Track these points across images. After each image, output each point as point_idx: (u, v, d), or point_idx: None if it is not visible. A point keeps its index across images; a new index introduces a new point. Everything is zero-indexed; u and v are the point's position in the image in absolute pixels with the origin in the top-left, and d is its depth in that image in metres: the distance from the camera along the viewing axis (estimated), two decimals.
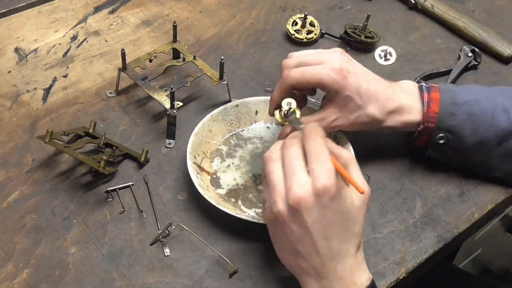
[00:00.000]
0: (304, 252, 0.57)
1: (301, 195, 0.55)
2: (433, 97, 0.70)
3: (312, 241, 0.56)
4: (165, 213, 0.71)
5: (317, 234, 0.56)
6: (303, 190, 0.55)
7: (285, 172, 0.57)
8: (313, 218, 0.55)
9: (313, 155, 0.57)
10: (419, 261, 0.69)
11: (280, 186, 0.57)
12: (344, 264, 0.57)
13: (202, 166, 0.74)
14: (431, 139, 0.72)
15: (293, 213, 0.56)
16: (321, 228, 0.56)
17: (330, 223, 0.56)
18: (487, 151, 0.71)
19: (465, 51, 0.94)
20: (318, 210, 0.55)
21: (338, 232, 0.57)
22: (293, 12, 1.03)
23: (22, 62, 0.91)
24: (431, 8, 1.03)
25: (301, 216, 0.55)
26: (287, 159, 0.57)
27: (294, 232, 0.56)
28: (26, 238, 0.68)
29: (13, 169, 0.75)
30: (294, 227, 0.56)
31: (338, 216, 0.56)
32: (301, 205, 0.55)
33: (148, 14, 1.02)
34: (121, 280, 0.65)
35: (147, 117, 0.83)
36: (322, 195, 0.55)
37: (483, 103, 0.70)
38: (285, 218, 0.56)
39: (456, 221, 0.73)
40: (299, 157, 0.57)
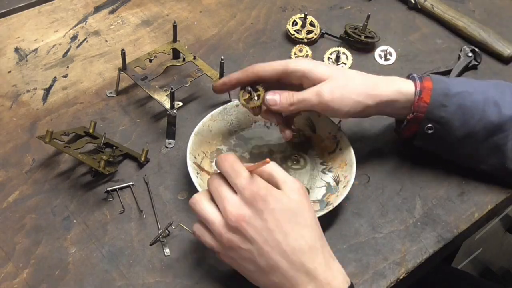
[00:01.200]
0: (267, 265, 0.56)
1: (237, 213, 0.56)
2: (425, 86, 0.70)
3: (268, 251, 0.56)
4: (165, 213, 0.71)
5: (270, 241, 0.55)
6: (236, 207, 0.56)
7: (216, 202, 0.58)
8: (258, 228, 0.56)
9: (229, 173, 0.58)
10: (419, 261, 0.69)
11: (217, 217, 0.58)
12: (313, 262, 0.56)
13: (202, 166, 0.74)
14: (419, 128, 0.71)
15: (240, 234, 0.56)
16: (270, 234, 0.55)
17: (276, 225, 0.56)
18: (475, 143, 0.71)
19: (465, 51, 0.94)
20: (258, 218, 0.56)
21: (290, 230, 0.56)
22: (293, 12, 1.03)
23: (22, 62, 0.91)
24: (431, 8, 1.03)
25: (247, 232, 0.56)
26: (213, 190, 0.59)
27: (250, 252, 0.56)
28: (26, 238, 0.68)
29: (13, 169, 0.75)
30: (247, 247, 0.56)
31: (281, 214, 0.56)
32: (241, 221, 0.56)
33: (148, 14, 1.02)
34: (121, 280, 0.65)
35: (147, 117, 0.83)
36: (254, 202, 0.56)
37: (474, 96, 0.70)
38: (236, 243, 0.57)
39: (456, 221, 0.73)
40: (221, 183, 0.59)
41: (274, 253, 0.56)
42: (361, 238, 0.70)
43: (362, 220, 0.72)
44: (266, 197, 0.56)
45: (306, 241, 0.56)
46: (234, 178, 0.58)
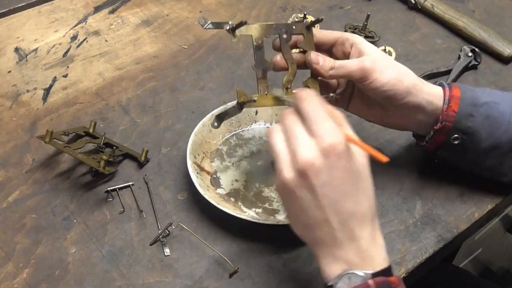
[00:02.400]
0: (316, 219, 0.54)
1: (308, 158, 0.52)
2: (454, 94, 0.68)
3: (324, 206, 0.53)
4: (165, 213, 0.71)
5: (329, 197, 0.53)
6: (309, 152, 0.53)
7: (287, 139, 0.55)
8: (323, 181, 0.53)
9: (310, 117, 0.55)
10: (419, 261, 0.69)
11: (284, 154, 0.55)
12: (362, 231, 0.54)
13: (202, 166, 0.74)
14: (446, 139, 0.69)
15: (301, 179, 0.53)
16: (332, 190, 0.53)
17: (341, 184, 0.53)
18: (500, 156, 0.70)
19: (465, 51, 0.94)
20: (326, 172, 0.53)
21: (350, 193, 0.54)
22: (293, 12, 1.03)
23: (22, 62, 0.91)
24: (431, 8, 1.03)
25: (309, 180, 0.53)
26: (287, 126, 0.56)
27: (304, 200, 0.54)
28: (26, 238, 0.68)
29: (13, 169, 0.75)
30: (303, 194, 0.54)
31: (348, 175, 0.54)
32: (309, 169, 0.52)
33: (148, 14, 1.02)
34: (121, 280, 0.65)
35: (147, 117, 0.83)
36: (330, 154, 0.52)
37: (501, 106, 0.69)
38: (293, 186, 0.54)
39: (456, 221, 0.73)
40: (297, 122, 0.55)
41: (329, 210, 0.53)
42: None
43: None
44: (342, 154, 0.53)
45: (361, 208, 0.55)
46: (316, 123, 0.54)
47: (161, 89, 0.88)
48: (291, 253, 0.68)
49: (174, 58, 0.93)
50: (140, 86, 0.88)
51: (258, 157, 0.78)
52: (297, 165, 0.53)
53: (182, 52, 0.95)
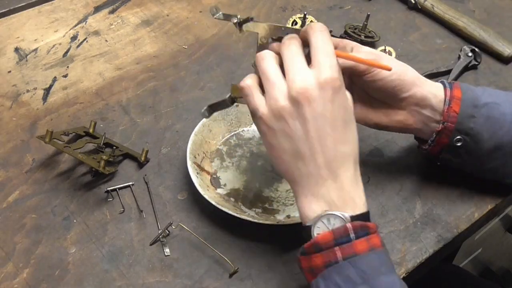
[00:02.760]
0: (305, 151, 0.54)
1: (305, 86, 0.53)
2: (455, 95, 0.68)
3: (313, 138, 0.53)
4: (165, 213, 0.71)
5: (319, 131, 0.53)
6: (307, 81, 0.53)
7: (286, 67, 0.55)
8: (317, 112, 0.53)
9: (318, 48, 0.55)
10: (419, 261, 0.69)
11: (280, 81, 0.55)
12: (346, 171, 0.54)
13: (202, 166, 0.74)
14: (448, 141, 0.69)
15: (296, 107, 0.53)
16: (324, 123, 0.53)
17: (333, 119, 0.54)
18: (503, 157, 0.69)
19: (465, 51, 0.94)
20: (321, 103, 0.53)
21: (341, 130, 0.54)
22: (293, 12, 1.03)
23: (22, 62, 0.91)
24: (431, 8, 1.03)
25: (304, 109, 0.53)
26: (287, 55, 0.55)
27: (296, 130, 0.54)
28: (26, 238, 0.68)
29: (13, 169, 0.75)
30: (296, 124, 0.53)
31: (341, 112, 0.54)
32: (305, 97, 0.53)
33: (148, 14, 1.02)
34: (121, 280, 0.65)
35: (147, 117, 0.83)
36: (326, 87, 0.53)
37: (502, 107, 0.69)
38: (287, 114, 0.53)
39: (456, 221, 0.73)
40: (299, 52, 0.55)
41: (318, 143, 0.54)
42: None
43: None
44: (339, 89, 0.54)
45: (347, 149, 0.55)
46: (321, 54, 0.54)
47: (161, 89, 0.88)
48: (291, 253, 0.68)
49: (174, 58, 0.93)
50: (140, 86, 0.88)
51: (258, 157, 0.78)
52: (293, 93, 0.53)
53: (182, 52, 0.95)
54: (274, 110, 0.54)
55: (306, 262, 0.54)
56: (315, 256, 0.53)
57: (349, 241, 0.52)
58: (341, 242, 0.52)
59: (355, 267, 0.52)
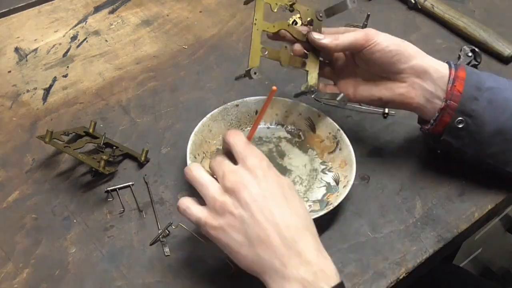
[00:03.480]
0: (259, 236, 0.54)
1: (235, 175, 0.57)
2: (459, 75, 0.69)
3: (262, 219, 0.54)
4: (165, 213, 0.71)
5: (265, 209, 0.55)
6: (237, 172, 0.57)
7: (215, 171, 0.59)
8: (255, 193, 0.55)
9: (236, 144, 0.59)
10: (419, 261, 0.69)
11: (212, 182, 0.58)
12: (306, 243, 0.55)
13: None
14: (450, 121, 0.69)
15: (234, 197, 0.56)
16: (265, 202, 0.55)
17: (273, 196, 0.56)
18: (505, 142, 0.70)
19: (465, 51, 0.94)
20: (256, 184, 0.56)
21: (284, 205, 0.56)
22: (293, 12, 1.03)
23: (22, 62, 0.91)
24: (431, 8, 1.03)
25: (242, 195, 0.55)
26: (213, 164, 0.60)
27: (242, 219, 0.55)
28: (26, 238, 0.68)
29: (13, 169, 0.75)
30: (240, 212, 0.55)
31: (277, 188, 0.57)
32: (239, 184, 0.56)
33: (148, 14, 1.02)
34: (121, 280, 0.65)
35: (147, 117, 0.83)
36: (255, 169, 0.57)
37: (505, 93, 0.69)
38: (230, 207, 0.56)
39: (456, 221, 0.73)
40: (224, 158, 0.60)
41: (267, 223, 0.54)
42: (361, 238, 0.70)
43: (362, 220, 0.72)
44: (268, 170, 0.57)
45: (300, 221, 0.56)
46: (240, 148, 0.59)
47: (161, 89, 0.88)
48: None
49: (174, 58, 0.93)
50: (140, 86, 0.88)
51: None
52: (227, 184, 0.56)
53: (182, 52, 0.95)
54: (216, 208, 0.57)
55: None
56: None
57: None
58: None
59: None
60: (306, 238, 0.55)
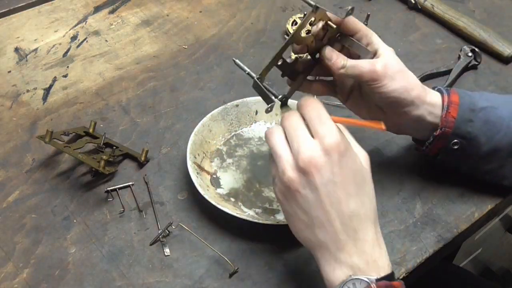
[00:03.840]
0: (320, 218, 0.54)
1: (311, 155, 0.53)
2: (452, 100, 0.68)
3: (327, 205, 0.54)
4: (165, 213, 0.71)
5: (332, 196, 0.54)
6: (312, 150, 0.54)
7: (290, 140, 0.56)
8: (326, 179, 0.53)
9: (313, 119, 0.56)
10: (419, 261, 0.69)
11: (286, 154, 0.55)
12: (365, 234, 0.54)
13: (202, 166, 0.74)
14: (445, 144, 0.70)
15: (305, 177, 0.54)
16: (335, 189, 0.54)
17: (344, 183, 0.54)
18: (501, 159, 0.70)
19: (465, 51, 0.94)
20: (329, 170, 0.53)
21: (353, 193, 0.55)
22: (293, 12, 1.03)
23: (22, 62, 0.91)
24: (431, 8, 1.03)
25: (313, 178, 0.53)
26: (289, 128, 0.57)
27: (308, 199, 0.54)
28: (26, 238, 0.68)
29: (13, 169, 0.75)
30: (307, 193, 0.54)
31: (351, 174, 0.54)
32: (312, 165, 0.53)
33: (148, 14, 1.02)
34: (121, 280, 0.65)
35: (147, 117, 0.83)
36: (332, 152, 0.53)
37: (499, 111, 0.69)
38: (297, 185, 0.54)
39: (456, 221, 0.73)
40: (300, 124, 0.56)
41: (331, 209, 0.54)
42: None
43: None
44: (345, 153, 0.54)
45: (364, 210, 0.55)
46: (318, 125, 0.55)
47: (161, 89, 0.88)
48: (291, 253, 0.68)
49: (174, 58, 0.93)
50: (140, 86, 0.88)
51: (258, 157, 0.78)
52: (300, 163, 0.54)
53: (182, 52, 0.95)
54: (285, 182, 0.55)
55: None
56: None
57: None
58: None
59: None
60: (367, 228, 0.55)
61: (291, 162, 0.55)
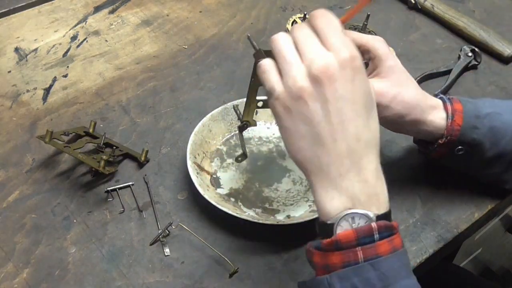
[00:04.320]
0: (325, 136, 0.49)
1: (326, 63, 0.49)
2: (456, 108, 0.68)
3: (336, 121, 0.49)
4: (165, 213, 0.71)
5: (341, 114, 0.49)
6: (328, 59, 0.49)
7: (302, 49, 0.51)
8: (338, 93, 0.49)
9: (326, 30, 0.50)
10: (419, 261, 0.69)
11: (298, 60, 0.50)
12: (369, 163, 0.50)
13: (202, 166, 0.74)
14: (450, 151, 0.69)
15: (317, 87, 0.49)
16: (346, 105, 0.49)
17: (354, 102, 0.49)
18: (504, 164, 0.70)
19: (465, 51, 0.94)
20: (343, 84, 0.49)
21: (363, 116, 0.50)
22: (293, 12, 1.03)
23: (22, 62, 0.91)
24: (431, 8, 1.03)
25: (325, 89, 0.49)
26: (300, 37, 0.51)
27: (316, 112, 0.49)
28: (26, 238, 0.68)
29: (13, 169, 0.75)
30: (316, 105, 0.49)
31: (362, 96, 0.50)
32: (326, 76, 0.48)
33: (148, 14, 1.02)
34: (121, 280, 0.65)
35: (147, 117, 0.83)
36: (347, 66, 0.49)
37: (504, 116, 0.69)
38: (307, 95, 0.49)
39: (456, 221, 0.73)
40: (313, 35, 0.51)
41: (339, 128, 0.49)
42: None
43: None
44: (359, 70, 0.50)
45: (371, 136, 0.51)
46: (333, 36, 0.50)
47: (161, 89, 0.88)
48: (291, 253, 0.68)
49: (174, 58, 0.93)
50: (140, 86, 0.88)
51: (258, 157, 0.78)
52: (314, 71, 0.49)
53: (182, 52, 0.95)
54: (293, 90, 0.50)
55: (321, 258, 0.51)
56: (333, 254, 0.49)
57: (372, 242, 0.49)
58: (363, 242, 0.49)
59: (376, 270, 0.48)
60: (372, 157, 0.51)
61: (303, 70, 0.50)
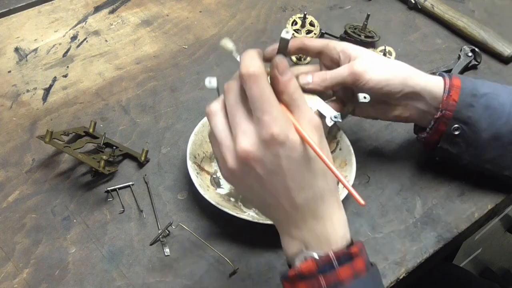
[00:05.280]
0: (269, 201, 0.52)
1: (248, 147, 0.49)
2: (454, 84, 0.69)
3: (273, 191, 0.51)
4: (165, 213, 0.71)
5: (277, 184, 0.51)
6: (249, 142, 0.49)
7: (231, 122, 0.52)
8: (267, 169, 0.50)
9: (255, 101, 0.49)
10: (419, 261, 0.69)
11: (226, 140, 0.52)
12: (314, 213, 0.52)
13: (202, 166, 0.74)
14: (446, 129, 0.70)
15: (246, 168, 0.50)
16: (277, 178, 0.50)
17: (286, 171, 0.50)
18: (502, 147, 0.70)
19: (465, 51, 0.94)
20: (270, 161, 0.50)
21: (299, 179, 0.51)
22: (293, 12, 1.03)
23: (22, 62, 0.91)
24: (431, 8, 1.03)
25: (254, 169, 0.50)
26: (228, 107, 0.52)
27: (254, 187, 0.52)
28: (26, 238, 0.68)
29: (13, 169, 0.75)
30: (251, 181, 0.51)
31: (293, 163, 0.50)
32: (251, 159, 0.50)
33: (148, 14, 1.02)
34: (121, 280, 0.65)
35: (147, 117, 0.83)
36: (270, 145, 0.49)
37: (501, 98, 0.69)
38: (239, 174, 0.51)
39: (456, 221, 0.73)
40: (238, 103, 0.51)
41: (278, 194, 0.51)
42: (361, 238, 0.70)
43: (362, 220, 0.72)
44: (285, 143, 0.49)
45: (315, 192, 0.52)
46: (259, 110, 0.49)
47: (161, 89, 0.88)
48: None
49: (174, 58, 0.93)
50: (140, 86, 0.88)
51: None
52: (238, 153, 0.50)
53: (182, 52, 0.95)
54: (227, 170, 0.52)
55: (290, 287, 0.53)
56: (298, 283, 0.52)
57: (332, 269, 0.50)
58: (324, 270, 0.51)
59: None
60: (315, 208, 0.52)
61: (231, 150, 0.51)
